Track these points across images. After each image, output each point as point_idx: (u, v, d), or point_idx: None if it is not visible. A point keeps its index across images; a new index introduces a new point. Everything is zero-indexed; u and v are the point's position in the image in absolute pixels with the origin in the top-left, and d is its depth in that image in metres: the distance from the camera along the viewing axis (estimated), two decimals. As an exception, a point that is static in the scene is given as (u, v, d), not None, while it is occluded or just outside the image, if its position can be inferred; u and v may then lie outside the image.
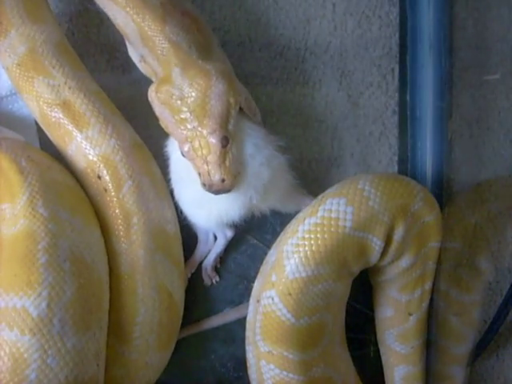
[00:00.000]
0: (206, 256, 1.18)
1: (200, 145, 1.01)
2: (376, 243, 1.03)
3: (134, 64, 1.20)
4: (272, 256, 1.07)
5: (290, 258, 1.02)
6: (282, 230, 1.10)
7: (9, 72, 1.08)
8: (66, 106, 1.05)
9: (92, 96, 1.06)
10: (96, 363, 0.95)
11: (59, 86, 1.05)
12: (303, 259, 1.01)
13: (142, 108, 1.19)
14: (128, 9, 1.04)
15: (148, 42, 1.04)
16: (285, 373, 1.04)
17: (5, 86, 1.16)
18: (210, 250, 1.17)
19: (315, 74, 1.25)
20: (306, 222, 1.03)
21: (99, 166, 1.04)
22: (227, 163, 1.01)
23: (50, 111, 1.05)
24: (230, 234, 1.16)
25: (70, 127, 1.05)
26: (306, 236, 1.02)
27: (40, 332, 0.89)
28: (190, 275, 1.17)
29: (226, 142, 1.01)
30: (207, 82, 1.00)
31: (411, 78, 1.21)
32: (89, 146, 1.04)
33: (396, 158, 1.27)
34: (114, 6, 1.05)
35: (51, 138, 1.09)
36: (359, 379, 1.15)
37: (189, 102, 1.01)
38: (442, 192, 1.18)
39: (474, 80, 1.27)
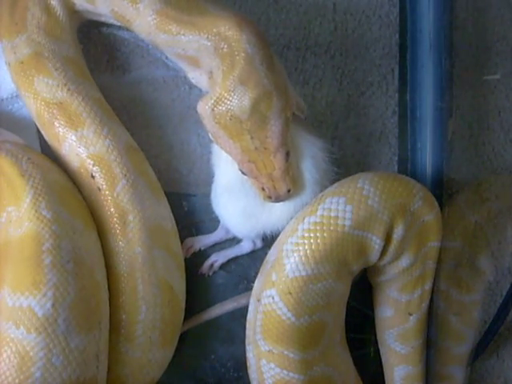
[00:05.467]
0: (213, 243, 1.20)
1: (264, 164, 1.03)
2: (376, 242, 1.03)
3: (134, 64, 1.21)
4: (272, 255, 1.07)
5: (290, 257, 1.02)
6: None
7: (11, 68, 1.08)
8: (62, 106, 1.05)
9: (90, 101, 1.06)
10: (95, 365, 0.96)
11: (58, 86, 1.05)
12: (303, 258, 1.01)
13: (142, 108, 1.20)
14: (202, 31, 1.01)
15: (222, 54, 1.00)
16: (285, 372, 1.04)
17: (7, 89, 1.16)
18: (222, 238, 1.19)
19: (315, 73, 1.25)
20: (306, 220, 1.03)
21: (92, 166, 1.04)
22: (290, 173, 1.05)
23: (46, 110, 1.05)
24: (259, 244, 1.18)
25: (65, 126, 1.05)
26: (306, 235, 1.02)
27: (45, 331, 0.90)
28: (194, 251, 1.18)
29: (288, 156, 1.04)
30: (269, 104, 0.99)
31: (411, 78, 1.21)
32: (82, 145, 1.04)
33: (396, 158, 1.27)
34: (182, 37, 1.02)
35: (46, 138, 1.09)
36: (359, 379, 1.15)
37: (249, 124, 1.00)
38: (442, 192, 1.18)
39: (474, 80, 1.28)
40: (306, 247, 1.01)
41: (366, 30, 1.26)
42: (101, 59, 1.20)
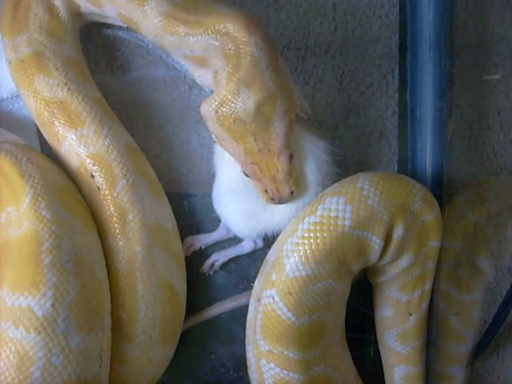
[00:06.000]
0: (213, 242, 1.20)
1: (267, 166, 1.03)
2: (375, 242, 1.03)
3: (134, 64, 1.21)
4: (272, 255, 1.07)
5: (290, 257, 1.02)
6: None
7: (11, 66, 1.08)
8: (62, 105, 1.05)
9: (90, 100, 1.07)
10: (98, 364, 0.96)
11: (58, 85, 1.05)
12: (303, 258, 1.01)
13: (142, 108, 1.20)
14: (209, 30, 1.00)
15: (228, 55, 0.99)
16: (285, 372, 1.04)
17: (7, 89, 1.16)
18: (223, 237, 1.19)
19: (315, 73, 1.25)
20: (306, 220, 1.03)
21: (92, 165, 1.04)
22: (294, 175, 1.05)
23: (46, 109, 1.05)
24: (260, 244, 1.18)
25: (65, 125, 1.05)
26: (306, 235, 1.02)
27: (45, 331, 0.90)
28: (194, 249, 1.19)
29: (292, 158, 1.04)
30: (273, 107, 0.99)
31: (411, 78, 1.21)
32: (82, 144, 1.04)
33: (396, 158, 1.27)
34: (190, 38, 1.01)
35: (45, 137, 1.09)
36: (359, 379, 1.15)
37: (253, 126, 1.00)
38: (442, 192, 1.18)
39: (474, 80, 1.28)
40: (306, 247, 1.01)
41: (366, 30, 1.25)
42: (101, 59, 1.20)
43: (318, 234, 1.01)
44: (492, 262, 1.23)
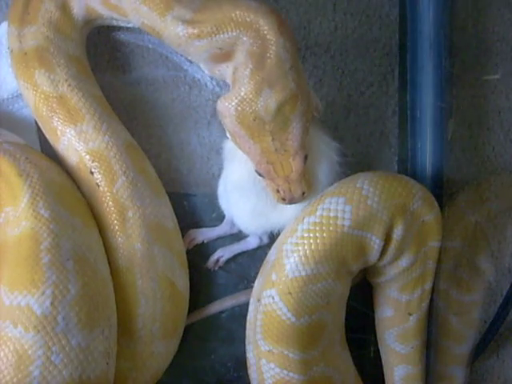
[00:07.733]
0: (216, 237, 1.20)
1: (282, 166, 1.03)
2: (375, 242, 1.03)
3: (134, 64, 1.21)
4: (272, 255, 1.07)
5: (290, 257, 1.02)
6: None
7: (12, 55, 1.08)
8: (62, 100, 1.05)
9: (90, 97, 1.07)
10: (105, 362, 0.96)
11: (59, 81, 1.05)
12: (303, 258, 1.01)
13: (143, 108, 1.20)
14: (240, 25, 0.99)
15: (254, 53, 0.98)
16: (285, 372, 1.04)
17: (8, 89, 1.16)
18: (226, 232, 1.19)
19: (316, 73, 1.25)
20: (305, 221, 1.03)
21: (92, 162, 1.04)
22: (306, 176, 1.05)
23: (46, 103, 1.05)
24: (265, 240, 1.18)
25: (64, 120, 1.05)
26: (306, 235, 1.02)
27: (44, 329, 0.90)
28: (197, 243, 1.19)
29: (306, 159, 1.03)
30: (293, 107, 0.99)
31: (411, 78, 1.21)
32: (82, 140, 1.04)
33: (396, 158, 1.27)
34: (220, 36, 0.99)
35: (44, 131, 1.09)
36: (359, 379, 1.15)
37: (272, 126, 1.00)
38: (442, 192, 1.18)
39: (473, 80, 1.28)
40: (306, 247, 1.01)
41: (366, 30, 1.25)
42: (101, 59, 1.20)
43: (317, 234, 1.01)
44: (492, 262, 1.23)
